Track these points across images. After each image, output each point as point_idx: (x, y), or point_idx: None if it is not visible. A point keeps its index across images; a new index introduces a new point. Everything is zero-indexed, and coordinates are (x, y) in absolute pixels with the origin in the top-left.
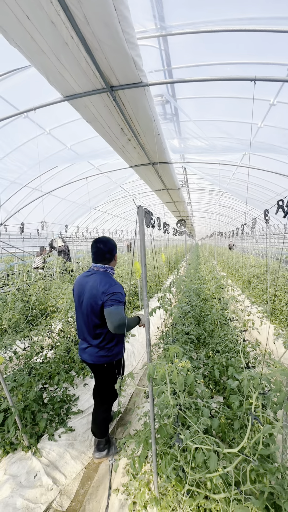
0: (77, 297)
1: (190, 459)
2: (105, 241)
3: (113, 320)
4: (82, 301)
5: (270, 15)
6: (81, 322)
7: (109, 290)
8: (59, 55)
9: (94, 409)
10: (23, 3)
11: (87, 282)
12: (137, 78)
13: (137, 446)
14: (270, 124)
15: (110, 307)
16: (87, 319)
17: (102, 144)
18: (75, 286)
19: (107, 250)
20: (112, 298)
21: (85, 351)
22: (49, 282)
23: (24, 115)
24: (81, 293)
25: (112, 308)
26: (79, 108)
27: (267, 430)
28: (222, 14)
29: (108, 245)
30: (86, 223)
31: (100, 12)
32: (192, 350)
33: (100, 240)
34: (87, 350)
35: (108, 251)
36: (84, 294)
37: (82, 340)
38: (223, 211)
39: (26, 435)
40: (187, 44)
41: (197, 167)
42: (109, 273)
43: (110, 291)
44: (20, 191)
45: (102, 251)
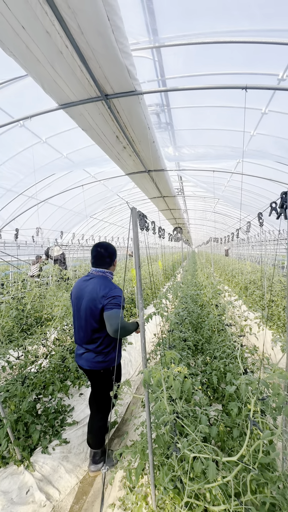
0: (76, 301)
1: (188, 469)
2: (105, 246)
3: (113, 323)
4: (80, 305)
5: (259, 28)
6: (79, 327)
7: (109, 294)
8: (54, 64)
9: (90, 418)
10: (19, 14)
11: (86, 286)
12: (131, 86)
13: (133, 457)
14: (262, 132)
15: (110, 310)
16: (85, 323)
17: (98, 152)
18: (74, 289)
19: (108, 255)
20: (113, 301)
21: (81, 356)
22: (45, 290)
23: (20, 124)
24: (80, 297)
25: (112, 311)
26: (75, 116)
27: (266, 436)
28: (213, 26)
29: (109, 250)
30: (83, 231)
31: (94, 22)
32: (189, 357)
33: (101, 245)
34: (83, 355)
35: (108, 256)
36: (83, 297)
37: (79, 346)
38: (219, 218)
39: (18, 448)
40: (180, 56)
41: (192, 174)
42: (108, 277)
43: (110, 295)
44: (16, 199)
45: (103, 255)
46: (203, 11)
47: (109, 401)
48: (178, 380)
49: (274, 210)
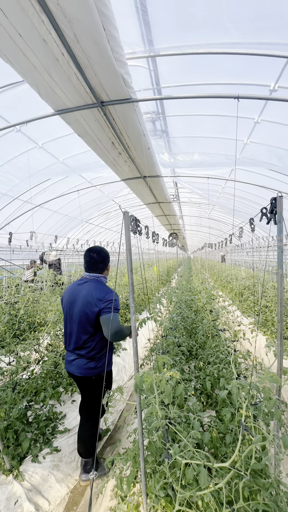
0: (68, 305)
1: (180, 476)
2: (98, 250)
3: (111, 326)
4: (73, 310)
5: (251, 41)
6: (70, 332)
7: (106, 298)
8: (50, 71)
9: (80, 426)
10: (16, 22)
11: (80, 290)
12: (126, 94)
13: (124, 464)
14: (255, 141)
15: (107, 314)
16: (78, 327)
17: (94, 158)
18: (66, 294)
19: (100, 260)
20: (110, 305)
21: (72, 363)
22: (38, 295)
23: (17, 129)
24: (73, 301)
25: (110, 315)
26: (71, 123)
27: (257, 441)
28: (207, 38)
29: (102, 254)
30: (78, 236)
31: (90, 32)
32: (183, 362)
33: (94, 249)
34: (75, 362)
35: (101, 261)
36: (76, 302)
37: (70, 352)
38: (214, 225)
39: (7, 457)
40: (175, 65)
41: (187, 181)
42: (102, 281)
43: (107, 298)
44: (12, 203)
45: (95, 260)
46: (197, 23)
47: (99, 409)
48: (170, 384)
49: (264, 215)
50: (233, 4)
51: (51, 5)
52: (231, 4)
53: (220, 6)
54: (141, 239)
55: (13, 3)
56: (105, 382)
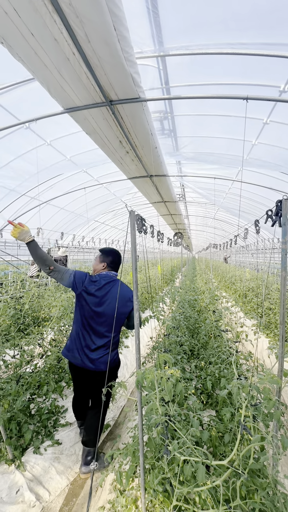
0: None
1: (178, 472)
2: (118, 252)
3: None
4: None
5: (261, 41)
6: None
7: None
8: (60, 69)
9: (88, 417)
10: (29, 21)
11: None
12: (135, 93)
13: (124, 459)
14: (264, 142)
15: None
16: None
17: (101, 156)
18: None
19: (119, 261)
20: None
21: (90, 358)
22: (43, 291)
23: (26, 126)
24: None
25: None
26: (79, 121)
27: (256, 440)
28: (217, 38)
29: (120, 257)
30: (84, 233)
31: (101, 32)
32: (185, 362)
33: (115, 251)
34: (94, 357)
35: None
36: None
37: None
38: (219, 225)
39: (10, 447)
40: (184, 65)
41: (194, 181)
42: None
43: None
44: (19, 199)
45: (116, 261)
46: (207, 24)
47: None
48: (171, 381)
49: (269, 217)
50: (244, 4)
51: (64, 5)
52: (241, 4)
53: (230, 6)
54: (146, 238)
55: (26, 3)
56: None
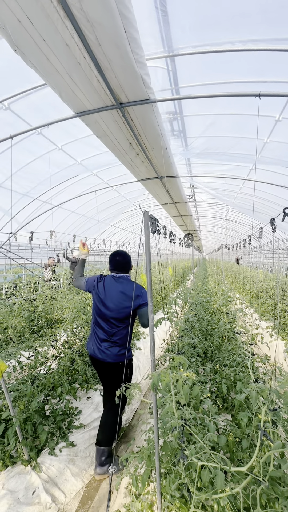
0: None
1: (195, 478)
2: (124, 254)
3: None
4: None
5: (272, 37)
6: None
7: (143, 292)
8: (72, 74)
9: (104, 413)
10: (41, 28)
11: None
12: (145, 95)
13: (139, 462)
14: (276, 139)
15: (145, 307)
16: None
17: (111, 159)
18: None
19: (126, 262)
20: (145, 300)
21: (104, 350)
22: (56, 293)
23: (38, 132)
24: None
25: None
26: (90, 124)
27: (277, 447)
28: (226, 36)
29: (127, 258)
30: (95, 235)
31: (111, 35)
32: (198, 364)
33: (121, 253)
34: (107, 349)
35: (127, 262)
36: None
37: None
38: (230, 226)
39: (26, 448)
40: (194, 64)
41: (204, 181)
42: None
43: (143, 293)
44: (32, 203)
45: (123, 262)
46: (217, 21)
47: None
48: (187, 385)
49: (287, 215)
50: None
51: (75, 10)
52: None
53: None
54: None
55: (39, 10)
56: (128, 369)
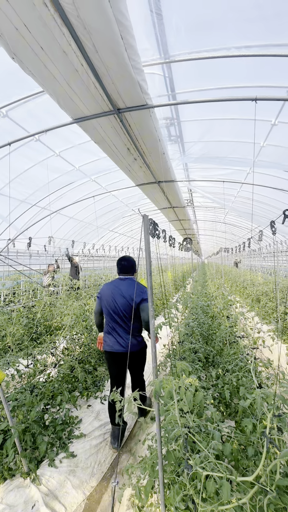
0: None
1: (200, 489)
2: (128, 259)
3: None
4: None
5: (267, 43)
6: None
7: (144, 290)
8: (69, 81)
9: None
10: (38, 36)
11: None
12: (142, 100)
13: (142, 473)
14: (272, 143)
15: (146, 303)
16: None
17: (109, 164)
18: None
19: (131, 266)
20: (146, 297)
21: (120, 343)
22: (55, 300)
23: (36, 138)
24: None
25: (146, 303)
26: (88, 130)
27: (284, 455)
28: (222, 42)
29: (131, 262)
30: (94, 241)
31: (108, 42)
32: (200, 370)
33: (126, 258)
34: (123, 342)
35: (131, 266)
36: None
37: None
38: (229, 229)
39: (25, 460)
40: (190, 70)
41: (202, 186)
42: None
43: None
44: (30, 209)
45: (128, 266)
46: (212, 27)
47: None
48: (190, 391)
49: (287, 217)
50: (249, 5)
51: (72, 18)
52: (246, 5)
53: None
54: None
55: (36, 18)
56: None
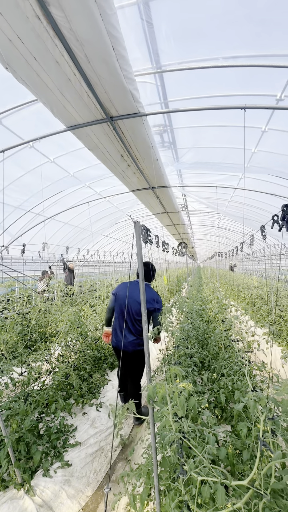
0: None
1: (195, 494)
2: (147, 264)
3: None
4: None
5: (255, 53)
6: (130, 318)
7: (159, 300)
8: (62, 90)
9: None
10: (31, 47)
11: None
12: (135, 109)
13: (138, 480)
14: (263, 149)
15: (159, 311)
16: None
17: (103, 170)
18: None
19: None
20: (160, 306)
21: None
22: (50, 306)
23: (30, 145)
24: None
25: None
26: (81, 137)
27: (277, 457)
28: (211, 53)
29: (149, 269)
30: (88, 246)
31: (100, 53)
32: (196, 374)
33: (146, 264)
34: (132, 341)
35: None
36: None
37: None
38: (223, 233)
39: (19, 470)
40: (181, 79)
41: (196, 191)
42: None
43: (159, 301)
44: (24, 216)
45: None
46: (202, 39)
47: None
48: (183, 395)
49: (276, 222)
50: (237, 20)
51: (64, 30)
52: (235, 19)
53: (225, 21)
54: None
55: (29, 30)
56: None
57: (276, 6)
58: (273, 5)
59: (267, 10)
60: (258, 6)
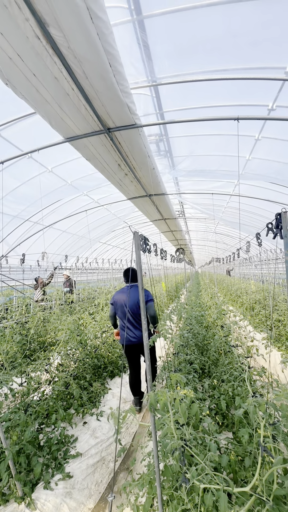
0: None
1: (198, 502)
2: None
3: (152, 309)
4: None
5: (247, 66)
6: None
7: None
8: (61, 104)
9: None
10: (31, 64)
11: (131, 292)
12: (131, 120)
13: (140, 490)
14: (257, 157)
15: (150, 302)
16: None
17: (100, 179)
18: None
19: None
20: (151, 297)
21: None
22: (48, 315)
23: (28, 156)
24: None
25: (151, 303)
26: (79, 148)
27: (278, 463)
28: (204, 66)
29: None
30: (87, 254)
31: (98, 69)
32: (196, 381)
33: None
34: (138, 335)
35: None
36: (130, 299)
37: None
38: (220, 239)
39: (19, 483)
40: (176, 92)
41: (192, 198)
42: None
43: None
44: (22, 225)
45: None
46: (196, 53)
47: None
48: (185, 403)
49: (270, 230)
50: (228, 36)
51: (63, 49)
52: (226, 36)
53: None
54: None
55: (29, 48)
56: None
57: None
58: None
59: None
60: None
